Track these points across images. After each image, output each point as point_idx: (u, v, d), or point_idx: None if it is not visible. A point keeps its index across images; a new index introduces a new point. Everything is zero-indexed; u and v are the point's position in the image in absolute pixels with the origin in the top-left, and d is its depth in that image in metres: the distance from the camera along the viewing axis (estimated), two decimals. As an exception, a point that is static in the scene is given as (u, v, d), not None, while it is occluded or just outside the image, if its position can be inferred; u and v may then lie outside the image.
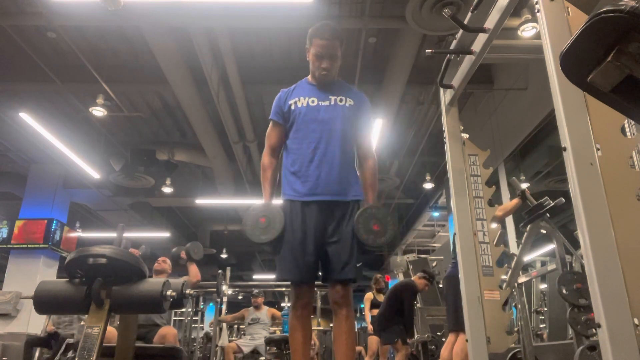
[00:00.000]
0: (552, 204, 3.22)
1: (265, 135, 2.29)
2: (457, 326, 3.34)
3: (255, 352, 5.96)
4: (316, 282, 2.12)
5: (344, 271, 1.99)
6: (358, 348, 7.74)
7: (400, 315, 5.02)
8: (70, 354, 3.22)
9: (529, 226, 3.44)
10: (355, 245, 2.03)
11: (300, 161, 2.11)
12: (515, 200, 3.54)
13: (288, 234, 2.04)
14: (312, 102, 2.16)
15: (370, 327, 6.16)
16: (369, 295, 6.48)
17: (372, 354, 6.22)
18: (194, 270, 4.14)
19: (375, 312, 6.17)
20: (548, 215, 3.28)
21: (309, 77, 2.28)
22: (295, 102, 2.18)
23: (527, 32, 4.53)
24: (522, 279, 4.06)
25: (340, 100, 2.18)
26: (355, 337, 2.03)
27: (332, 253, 2.02)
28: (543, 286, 6.06)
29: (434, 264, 8.55)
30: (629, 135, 2.08)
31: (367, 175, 2.19)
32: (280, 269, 2.06)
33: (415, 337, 6.08)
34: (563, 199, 3.23)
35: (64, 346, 3.35)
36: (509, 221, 6.20)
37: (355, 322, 3.65)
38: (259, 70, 6.13)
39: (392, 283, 12.88)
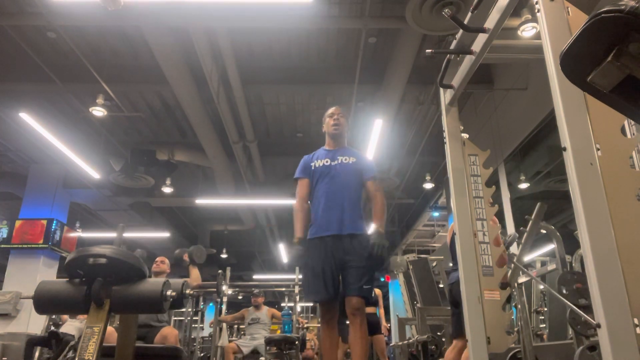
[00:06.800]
0: (508, 242, 3.30)
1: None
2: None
3: (255, 352, 5.96)
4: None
5: (355, 289, 2.55)
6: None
7: None
8: (70, 354, 3.22)
9: (528, 226, 3.44)
10: (364, 269, 2.58)
11: (316, 207, 2.76)
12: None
13: (311, 265, 2.65)
14: (326, 162, 2.86)
15: None
16: None
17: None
18: (195, 274, 4.08)
19: (370, 309, 6.13)
20: None
21: (325, 145, 2.99)
22: (315, 164, 2.88)
23: (527, 32, 4.53)
24: (522, 279, 4.06)
25: (345, 160, 2.86)
26: (367, 340, 2.59)
27: (347, 275, 2.60)
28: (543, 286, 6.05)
29: (434, 264, 8.54)
30: (629, 135, 2.08)
31: (376, 209, 2.79)
32: (307, 292, 2.78)
33: (415, 337, 6.07)
34: (517, 235, 3.35)
35: (67, 349, 3.35)
36: (509, 222, 6.20)
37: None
38: (259, 70, 6.12)
39: (392, 283, 12.90)
